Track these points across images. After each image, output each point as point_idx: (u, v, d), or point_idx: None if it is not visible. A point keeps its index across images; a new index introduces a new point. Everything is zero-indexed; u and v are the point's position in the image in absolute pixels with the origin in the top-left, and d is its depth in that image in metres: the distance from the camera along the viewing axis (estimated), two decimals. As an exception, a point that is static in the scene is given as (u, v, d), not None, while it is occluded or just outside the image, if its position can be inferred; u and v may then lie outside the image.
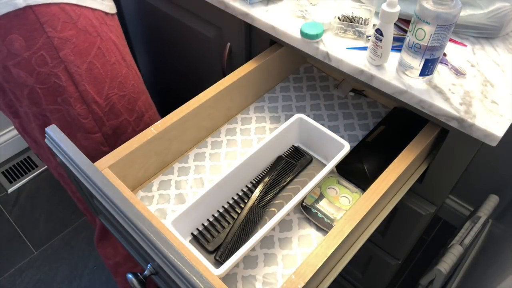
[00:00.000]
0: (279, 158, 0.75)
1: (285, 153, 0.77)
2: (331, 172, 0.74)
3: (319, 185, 0.72)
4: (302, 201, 0.70)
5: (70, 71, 0.78)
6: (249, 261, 0.64)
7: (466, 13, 0.72)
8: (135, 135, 0.92)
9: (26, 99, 0.80)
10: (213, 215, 0.69)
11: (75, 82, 0.79)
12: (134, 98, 0.90)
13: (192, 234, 0.66)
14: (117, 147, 0.91)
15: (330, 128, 0.83)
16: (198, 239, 0.66)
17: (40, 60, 0.75)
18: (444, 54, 0.72)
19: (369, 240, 1.00)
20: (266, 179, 0.72)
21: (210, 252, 0.64)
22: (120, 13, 1.24)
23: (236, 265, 0.63)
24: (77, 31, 0.77)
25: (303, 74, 0.95)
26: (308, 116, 0.83)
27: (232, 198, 0.71)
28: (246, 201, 0.70)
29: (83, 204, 1.04)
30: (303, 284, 0.53)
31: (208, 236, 0.66)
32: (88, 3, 0.79)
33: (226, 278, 0.62)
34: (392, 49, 0.68)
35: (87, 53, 0.79)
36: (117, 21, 0.90)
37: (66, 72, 0.77)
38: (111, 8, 0.86)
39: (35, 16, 0.73)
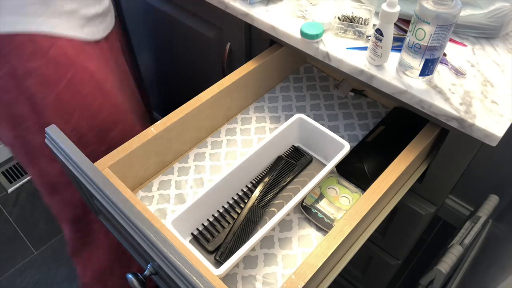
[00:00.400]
0: (279, 158, 0.75)
1: (285, 153, 0.77)
2: (331, 172, 0.74)
3: (319, 185, 0.72)
4: (302, 201, 0.70)
5: (35, 101, 0.74)
6: (249, 261, 0.64)
7: (466, 13, 0.72)
8: None
9: None
10: (213, 215, 0.69)
11: (39, 113, 0.75)
12: (107, 129, 0.84)
13: (192, 234, 0.66)
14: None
15: (330, 128, 0.83)
16: (198, 239, 0.66)
17: (2, 88, 0.72)
18: (444, 54, 0.72)
19: (369, 240, 1.00)
20: (266, 179, 0.72)
21: (210, 252, 0.64)
22: (120, 13, 1.24)
23: (236, 265, 0.63)
24: (46, 61, 0.72)
25: (303, 74, 0.95)
26: (308, 116, 0.83)
27: (232, 198, 0.71)
28: (246, 201, 0.70)
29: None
30: (303, 284, 0.53)
31: (208, 236, 0.66)
32: (63, 32, 0.73)
33: (226, 278, 0.62)
34: (392, 49, 0.68)
35: (56, 84, 0.74)
36: (101, 47, 0.83)
37: (29, 102, 0.73)
38: (94, 34, 0.80)
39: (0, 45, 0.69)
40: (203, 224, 0.68)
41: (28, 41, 0.70)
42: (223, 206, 0.70)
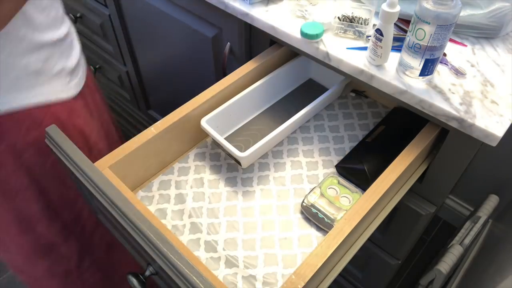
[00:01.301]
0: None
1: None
2: (332, 172, 0.75)
3: (319, 185, 0.72)
4: (303, 201, 0.70)
5: (33, 171, 0.74)
6: (249, 261, 0.64)
7: (466, 13, 0.72)
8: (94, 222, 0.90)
9: None
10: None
11: (37, 181, 0.76)
12: None
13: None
14: (73, 235, 0.88)
15: (330, 128, 0.83)
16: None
17: (0, 163, 0.71)
18: (444, 54, 0.72)
19: (369, 240, 1.00)
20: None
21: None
22: (120, 13, 1.24)
23: (237, 265, 0.64)
24: (41, 132, 0.71)
25: (303, 74, 0.95)
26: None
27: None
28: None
29: None
30: (303, 284, 0.53)
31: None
32: (54, 98, 0.72)
33: (226, 278, 0.62)
34: (392, 49, 0.68)
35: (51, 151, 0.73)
36: (83, 96, 0.81)
37: (27, 173, 0.74)
38: (76, 86, 0.77)
39: None
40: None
41: (25, 116, 0.69)
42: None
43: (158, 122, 0.71)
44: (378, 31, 0.64)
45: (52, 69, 0.70)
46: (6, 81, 0.64)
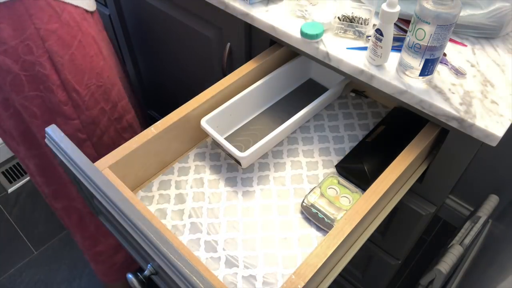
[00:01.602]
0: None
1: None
2: (332, 172, 0.74)
3: (319, 185, 0.72)
4: (303, 201, 0.70)
5: (54, 60, 0.83)
6: (249, 261, 0.64)
7: (466, 13, 0.72)
8: (111, 124, 0.97)
9: (7, 86, 0.83)
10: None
11: (58, 71, 0.85)
12: (109, 88, 0.96)
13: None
14: (94, 136, 0.96)
15: (330, 128, 0.83)
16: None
17: (27, 49, 0.80)
18: (444, 54, 0.72)
19: (369, 240, 1.00)
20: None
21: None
22: (120, 13, 1.24)
23: (236, 265, 0.64)
24: (61, 24, 0.83)
25: (303, 74, 0.95)
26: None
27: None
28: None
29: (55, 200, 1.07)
30: (303, 284, 0.53)
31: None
32: (69, 0, 0.84)
33: (226, 278, 0.62)
34: (392, 49, 0.68)
35: (70, 45, 0.85)
36: (96, 18, 0.96)
37: (50, 61, 0.83)
38: (89, 6, 0.91)
39: (24, 8, 0.77)
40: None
41: (46, 5, 0.80)
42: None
43: (158, 122, 0.71)
44: (378, 31, 0.64)
45: None
46: None
